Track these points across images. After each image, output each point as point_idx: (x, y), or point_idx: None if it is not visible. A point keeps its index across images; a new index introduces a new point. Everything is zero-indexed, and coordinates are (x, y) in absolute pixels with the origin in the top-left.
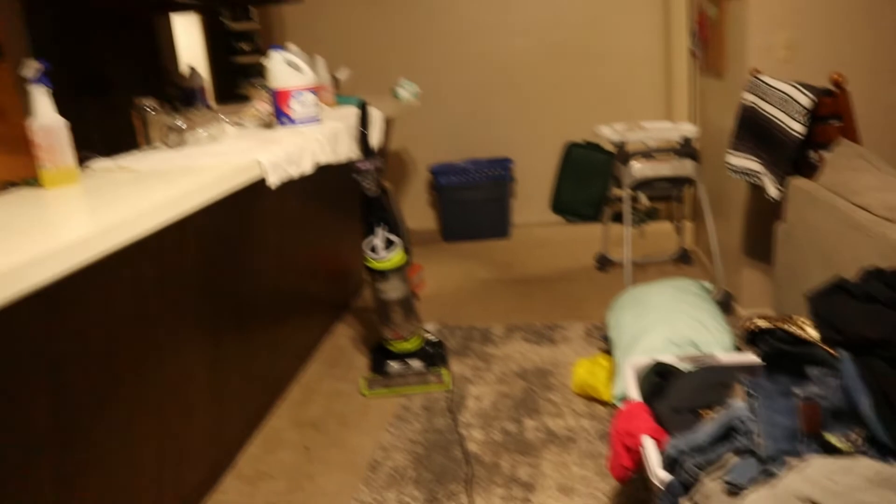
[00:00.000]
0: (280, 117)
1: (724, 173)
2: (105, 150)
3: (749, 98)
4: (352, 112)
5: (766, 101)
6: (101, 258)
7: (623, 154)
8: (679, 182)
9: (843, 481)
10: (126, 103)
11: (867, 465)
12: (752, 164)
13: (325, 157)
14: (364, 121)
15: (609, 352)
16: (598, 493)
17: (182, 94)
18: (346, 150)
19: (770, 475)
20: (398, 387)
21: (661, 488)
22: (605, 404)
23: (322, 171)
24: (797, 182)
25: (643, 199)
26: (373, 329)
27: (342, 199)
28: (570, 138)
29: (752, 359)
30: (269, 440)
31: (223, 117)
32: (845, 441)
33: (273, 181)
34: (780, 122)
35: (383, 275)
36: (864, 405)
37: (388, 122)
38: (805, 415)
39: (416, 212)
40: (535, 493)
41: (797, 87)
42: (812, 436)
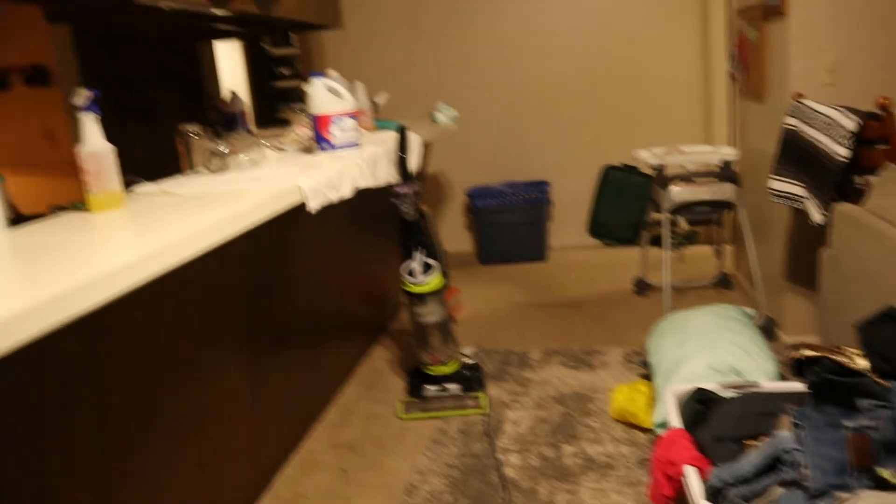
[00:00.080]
0: (320, 142)
1: (765, 197)
2: (149, 174)
3: (791, 122)
4: (390, 136)
5: (810, 125)
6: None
7: (662, 178)
8: (719, 206)
9: None
10: (169, 128)
11: None
12: (795, 188)
13: (365, 182)
14: (403, 145)
15: (649, 377)
16: None
17: (224, 119)
18: (385, 175)
19: None
20: (435, 410)
21: None
22: (644, 431)
23: (360, 195)
24: (842, 207)
25: (682, 223)
26: (410, 351)
27: (380, 222)
28: (607, 161)
29: (797, 387)
30: (305, 462)
31: (264, 142)
32: None
33: (313, 206)
34: (824, 146)
35: (421, 298)
36: None
37: (425, 146)
38: (855, 447)
39: (453, 235)
40: None
41: (841, 111)
42: (863, 469)
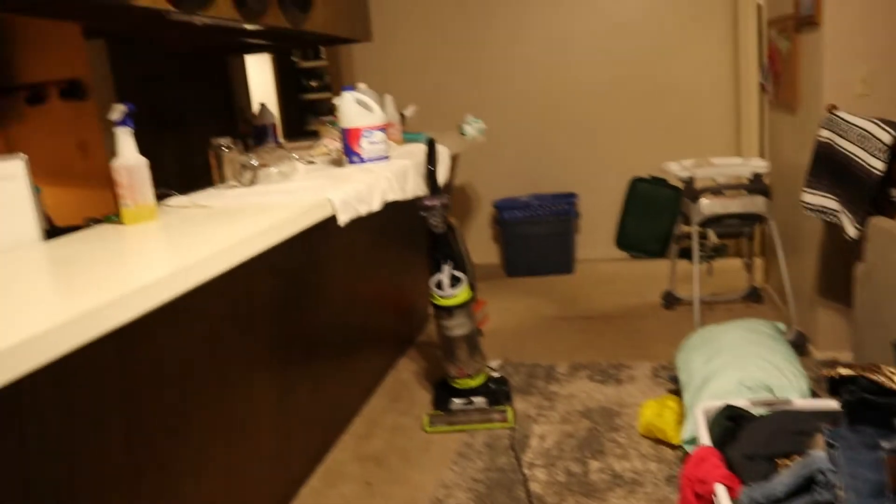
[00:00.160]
0: (350, 155)
1: (797, 210)
2: (181, 186)
3: (825, 134)
4: (419, 149)
5: (844, 138)
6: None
7: (691, 190)
8: (750, 219)
9: None
10: (200, 140)
11: None
12: (829, 202)
13: (394, 195)
14: (432, 158)
15: (677, 393)
16: None
17: (254, 132)
18: (414, 188)
19: None
20: (461, 424)
21: None
22: (673, 447)
23: (389, 207)
24: (878, 221)
25: (712, 235)
26: (436, 364)
27: (408, 234)
28: (635, 173)
29: (831, 405)
30: (331, 473)
31: (294, 155)
32: None
33: (343, 219)
34: (859, 159)
35: (449, 311)
36: None
37: (453, 159)
38: (893, 469)
39: (480, 246)
40: None
41: (877, 124)
42: None
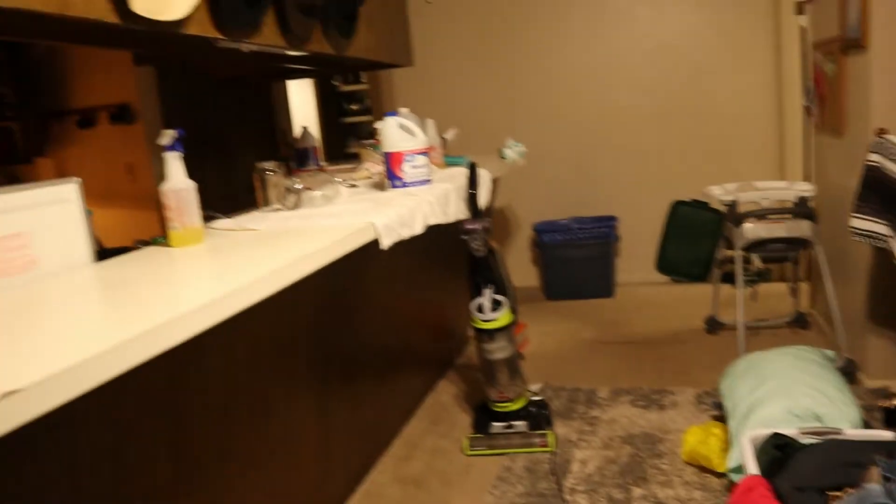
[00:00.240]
0: (392, 179)
1: (844, 234)
2: (224, 208)
3: (874, 158)
4: (460, 172)
5: (894, 162)
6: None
7: (734, 214)
8: (795, 243)
9: None
10: (243, 163)
11: None
12: (879, 227)
13: (436, 219)
14: (473, 181)
15: (721, 419)
16: None
17: (295, 154)
18: (455, 211)
19: None
20: (501, 448)
21: None
22: (718, 475)
23: (430, 230)
24: None
25: (755, 260)
26: (475, 387)
27: (448, 256)
28: (676, 197)
29: (885, 436)
30: (370, 495)
31: (337, 178)
32: None
33: (386, 243)
34: None
35: (490, 334)
36: None
37: (494, 182)
38: None
39: (519, 269)
40: None
41: None
42: None
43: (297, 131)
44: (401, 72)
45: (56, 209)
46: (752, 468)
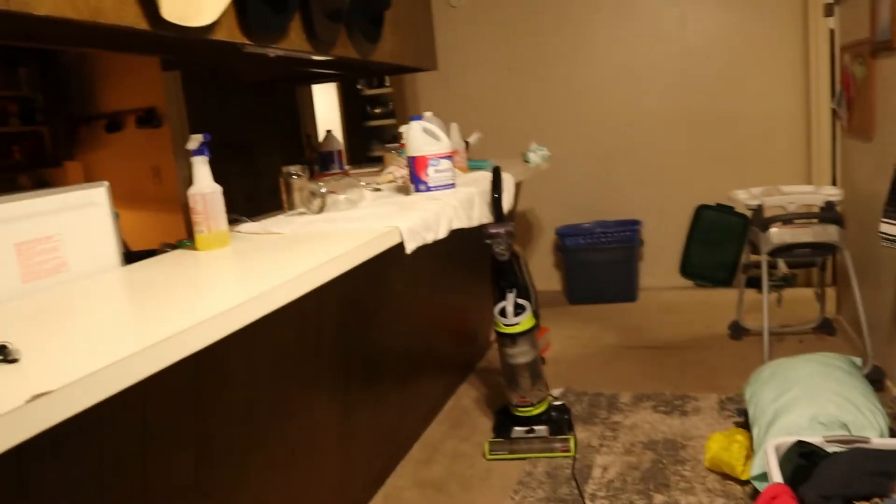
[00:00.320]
0: (417, 183)
1: (871, 239)
2: (250, 212)
3: None
4: (483, 176)
5: None
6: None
7: (760, 219)
8: (822, 249)
9: None
10: (268, 166)
11: None
12: None
13: (460, 223)
14: (497, 185)
15: (745, 426)
16: None
17: (319, 158)
18: (479, 215)
19: None
20: (522, 452)
21: None
22: (741, 483)
23: (453, 233)
24: None
25: (781, 265)
26: (496, 391)
27: (471, 260)
28: (700, 201)
29: None
30: (390, 498)
31: (361, 182)
32: None
33: (410, 247)
34: None
35: (513, 339)
36: None
37: (517, 186)
38: None
39: (542, 273)
40: None
41: None
42: None
43: (322, 135)
44: (425, 75)
45: (85, 212)
46: (777, 476)
